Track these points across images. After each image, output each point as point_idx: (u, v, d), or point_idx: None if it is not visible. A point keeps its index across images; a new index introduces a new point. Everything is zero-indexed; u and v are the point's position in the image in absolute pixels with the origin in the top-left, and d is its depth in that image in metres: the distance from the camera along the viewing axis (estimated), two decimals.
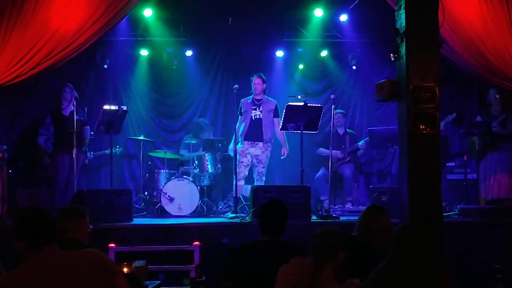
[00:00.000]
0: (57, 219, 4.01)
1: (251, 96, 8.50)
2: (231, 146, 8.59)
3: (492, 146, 8.30)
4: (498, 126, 8.19)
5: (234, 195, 8.24)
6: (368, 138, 9.38)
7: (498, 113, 8.32)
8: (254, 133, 8.35)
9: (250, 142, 8.39)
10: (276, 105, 8.56)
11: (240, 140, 8.45)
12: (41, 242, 2.88)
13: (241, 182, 8.31)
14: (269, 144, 8.52)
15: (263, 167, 8.50)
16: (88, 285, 2.86)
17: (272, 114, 8.48)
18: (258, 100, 8.48)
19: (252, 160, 8.47)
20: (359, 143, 9.40)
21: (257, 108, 8.42)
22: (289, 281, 3.38)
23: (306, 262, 3.41)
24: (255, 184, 8.37)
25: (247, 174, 8.50)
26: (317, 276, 3.30)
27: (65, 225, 3.92)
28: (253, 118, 8.38)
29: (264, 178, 8.57)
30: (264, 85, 8.53)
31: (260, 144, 8.41)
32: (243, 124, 8.49)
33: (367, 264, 3.55)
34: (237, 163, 8.32)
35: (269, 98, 8.64)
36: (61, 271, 2.84)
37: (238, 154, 8.37)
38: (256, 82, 8.45)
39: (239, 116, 8.56)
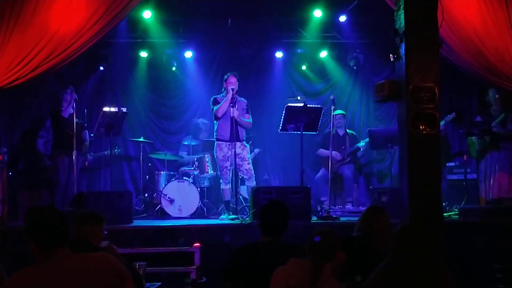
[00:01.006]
0: (76, 224, 4.06)
1: (222, 95, 8.22)
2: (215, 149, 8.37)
3: (492, 146, 8.30)
4: (498, 126, 8.19)
5: (224, 199, 8.23)
6: (368, 138, 9.38)
7: (498, 113, 8.32)
8: (234, 133, 8.02)
9: (228, 143, 8.02)
10: (247, 103, 8.33)
11: (216, 142, 8.17)
12: (51, 244, 2.85)
13: (227, 186, 8.19)
14: (244, 142, 8.22)
15: (248, 164, 8.15)
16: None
17: (245, 112, 8.22)
18: (233, 100, 8.09)
19: (235, 161, 8.04)
20: (359, 144, 9.41)
21: (234, 106, 8.04)
22: (288, 283, 3.37)
23: (304, 263, 3.40)
24: (246, 185, 8.34)
25: (232, 175, 8.23)
26: (317, 276, 3.30)
27: (84, 230, 4.00)
28: (232, 117, 7.96)
29: (254, 175, 8.25)
30: (237, 84, 8.15)
31: (238, 143, 8.08)
32: (216, 124, 8.19)
33: (368, 264, 3.56)
34: (220, 168, 8.19)
35: (240, 97, 8.29)
36: (72, 274, 2.83)
37: (218, 158, 8.14)
38: (233, 81, 8.09)
39: (214, 108, 8.15)
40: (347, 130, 9.71)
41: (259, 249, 3.98)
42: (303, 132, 7.95)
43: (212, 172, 9.29)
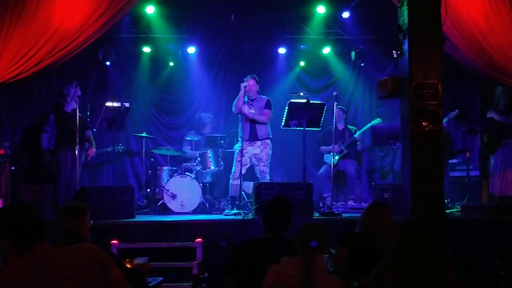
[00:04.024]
0: (59, 219, 4.03)
1: (245, 96, 8.32)
2: (237, 145, 8.47)
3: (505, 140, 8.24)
4: (499, 114, 8.14)
5: (230, 194, 8.27)
6: (364, 128, 9.41)
7: (506, 108, 8.29)
8: (251, 132, 8.23)
9: (248, 142, 8.21)
10: (268, 100, 8.44)
11: (239, 139, 8.34)
12: (27, 243, 2.79)
13: (236, 181, 8.23)
14: (267, 141, 8.36)
15: (264, 166, 8.34)
16: (83, 280, 2.83)
17: (262, 109, 8.34)
18: (252, 100, 8.35)
19: (251, 159, 8.33)
20: (355, 135, 9.37)
21: (251, 107, 8.28)
22: (286, 282, 3.36)
23: (297, 260, 3.39)
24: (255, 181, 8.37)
25: (244, 173, 8.29)
26: (311, 272, 3.29)
27: (69, 224, 3.96)
28: (250, 117, 8.20)
29: (268, 177, 8.41)
30: (258, 85, 8.40)
31: (258, 142, 8.27)
32: (239, 124, 8.37)
33: (370, 261, 3.56)
34: (235, 161, 8.29)
35: (261, 96, 8.51)
36: (52, 268, 2.79)
37: (235, 153, 8.33)
38: (251, 83, 8.28)
39: (239, 116, 8.42)
40: (348, 125, 9.69)
41: (261, 244, 3.98)
42: (306, 128, 7.95)
43: (214, 167, 9.29)
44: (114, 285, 2.97)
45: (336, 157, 8.95)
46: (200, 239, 6.65)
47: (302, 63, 10.90)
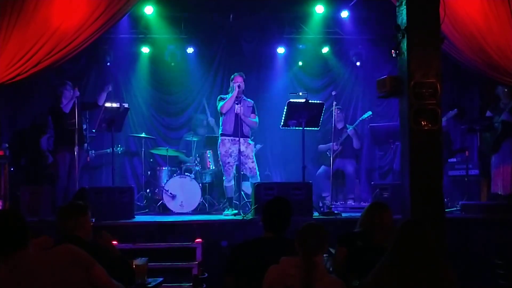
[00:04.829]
0: (59, 219, 3.98)
1: (230, 94, 8.21)
2: (219, 143, 8.38)
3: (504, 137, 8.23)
4: (508, 113, 8.12)
5: (227, 196, 8.25)
6: (356, 123, 9.44)
7: (507, 106, 8.28)
8: (239, 128, 8.10)
9: (231, 138, 8.11)
10: (254, 104, 8.39)
11: (220, 138, 8.24)
12: (8, 248, 2.83)
13: (230, 183, 8.22)
14: (248, 139, 8.28)
15: (252, 162, 8.22)
16: (65, 282, 2.84)
17: (250, 111, 8.30)
18: (238, 98, 8.20)
19: (238, 158, 8.12)
20: (348, 129, 9.35)
21: (239, 103, 8.17)
22: (285, 282, 3.35)
23: (297, 260, 3.38)
24: (249, 181, 8.35)
25: (235, 172, 8.31)
26: (311, 272, 3.29)
27: (69, 224, 3.86)
28: (237, 114, 8.11)
29: (258, 173, 8.30)
30: (243, 84, 8.27)
31: (242, 140, 8.11)
32: (221, 119, 8.28)
33: (369, 260, 3.56)
34: (223, 164, 8.24)
35: (246, 98, 8.40)
36: (35, 274, 2.80)
37: (221, 154, 8.22)
38: (239, 81, 8.20)
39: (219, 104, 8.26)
40: (346, 125, 9.68)
41: (261, 244, 3.98)
42: (305, 128, 7.94)
43: (213, 168, 9.29)
44: (98, 284, 2.98)
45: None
46: (199, 240, 6.65)
47: (300, 63, 10.91)
